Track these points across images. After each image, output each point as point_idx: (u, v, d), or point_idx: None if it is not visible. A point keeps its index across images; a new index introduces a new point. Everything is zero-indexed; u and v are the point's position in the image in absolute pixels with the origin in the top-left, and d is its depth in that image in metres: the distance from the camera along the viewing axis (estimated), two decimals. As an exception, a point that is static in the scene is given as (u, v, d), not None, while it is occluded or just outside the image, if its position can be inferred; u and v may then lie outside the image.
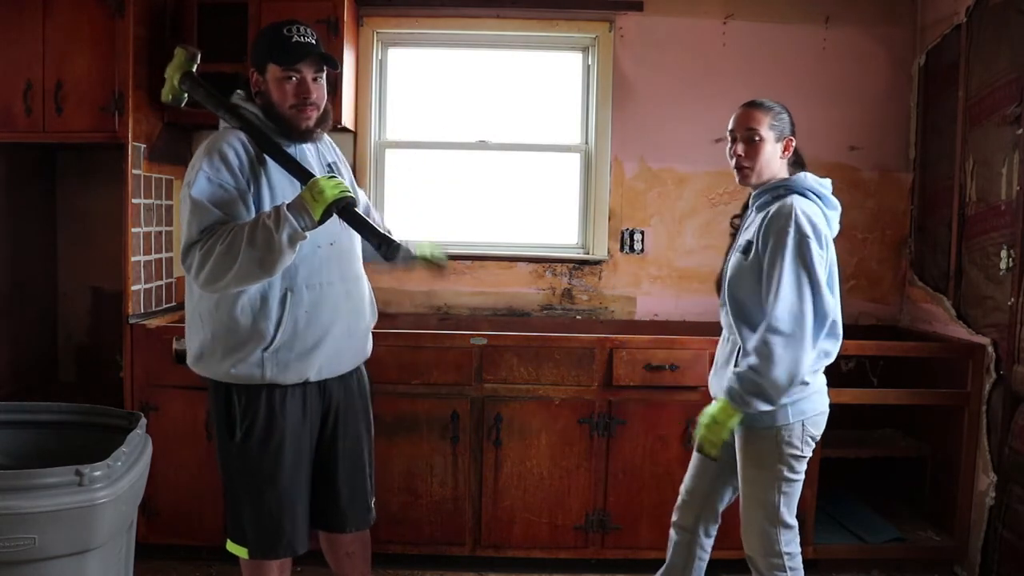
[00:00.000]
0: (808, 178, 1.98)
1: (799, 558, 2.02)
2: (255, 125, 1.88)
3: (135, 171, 2.82)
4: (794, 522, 1.99)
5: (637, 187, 3.40)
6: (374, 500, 2.19)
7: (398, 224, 3.17)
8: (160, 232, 3.06)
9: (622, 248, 3.40)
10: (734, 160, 1.99)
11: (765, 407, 1.86)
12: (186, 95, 1.94)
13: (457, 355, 2.77)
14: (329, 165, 2.04)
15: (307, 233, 1.77)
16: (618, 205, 3.40)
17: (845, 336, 3.19)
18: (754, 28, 3.34)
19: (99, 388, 3.13)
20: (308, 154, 1.97)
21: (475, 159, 3.47)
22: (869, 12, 3.34)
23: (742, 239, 2.02)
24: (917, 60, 3.34)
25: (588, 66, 3.43)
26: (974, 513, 2.81)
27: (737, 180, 2.03)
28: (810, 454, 1.99)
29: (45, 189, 3.28)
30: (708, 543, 2.18)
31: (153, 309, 2.98)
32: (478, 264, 3.40)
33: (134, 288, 2.83)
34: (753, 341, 1.87)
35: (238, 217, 1.82)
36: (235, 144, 1.85)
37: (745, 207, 2.11)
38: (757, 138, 1.95)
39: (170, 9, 2.96)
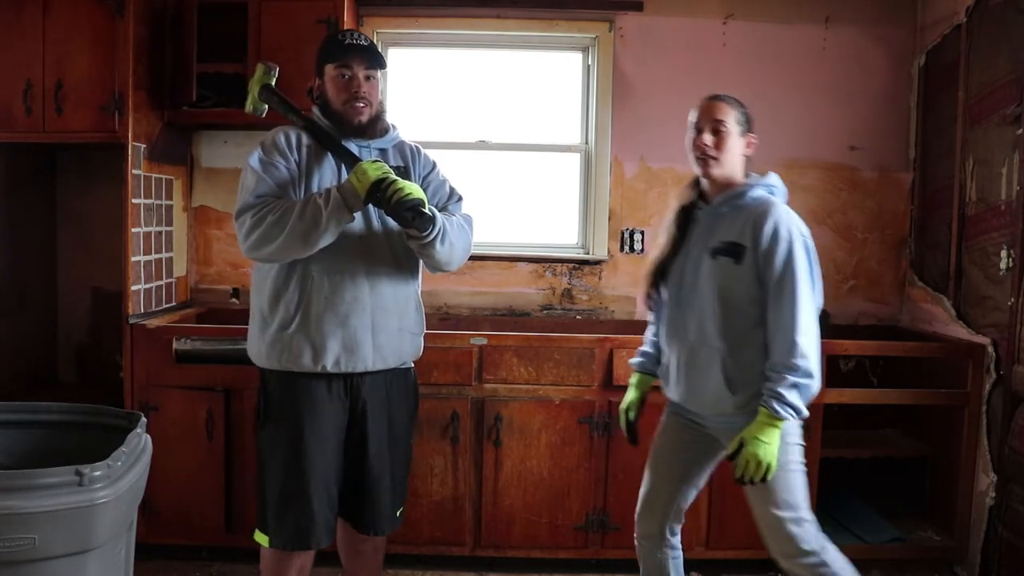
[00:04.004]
0: (777, 179, 2.01)
1: (833, 548, 1.97)
2: (314, 121, 2.03)
3: (135, 171, 2.82)
4: (812, 515, 1.97)
5: (637, 187, 3.40)
6: (402, 509, 2.18)
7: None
8: (160, 232, 3.06)
9: (622, 248, 3.40)
10: (698, 151, 1.97)
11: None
12: (265, 105, 2.10)
13: (457, 355, 2.77)
14: (394, 168, 2.04)
15: (354, 214, 1.88)
16: (618, 205, 3.40)
17: (845, 336, 3.19)
18: (754, 28, 3.34)
19: (99, 388, 3.14)
20: (370, 156, 2.04)
21: (475, 159, 3.47)
22: (869, 12, 3.34)
23: (715, 239, 1.96)
24: (917, 60, 3.34)
25: (588, 66, 3.43)
26: (974, 513, 2.81)
27: (698, 171, 2.00)
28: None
29: (45, 189, 3.27)
30: (676, 540, 2.15)
31: (153, 309, 2.98)
32: (478, 264, 3.39)
33: (134, 288, 2.84)
34: (786, 351, 1.84)
35: (285, 193, 1.95)
36: (290, 134, 2.03)
37: (691, 205, 2.05)
38: (724, 129, 1.95)
39: (170, 9, 2.96)
